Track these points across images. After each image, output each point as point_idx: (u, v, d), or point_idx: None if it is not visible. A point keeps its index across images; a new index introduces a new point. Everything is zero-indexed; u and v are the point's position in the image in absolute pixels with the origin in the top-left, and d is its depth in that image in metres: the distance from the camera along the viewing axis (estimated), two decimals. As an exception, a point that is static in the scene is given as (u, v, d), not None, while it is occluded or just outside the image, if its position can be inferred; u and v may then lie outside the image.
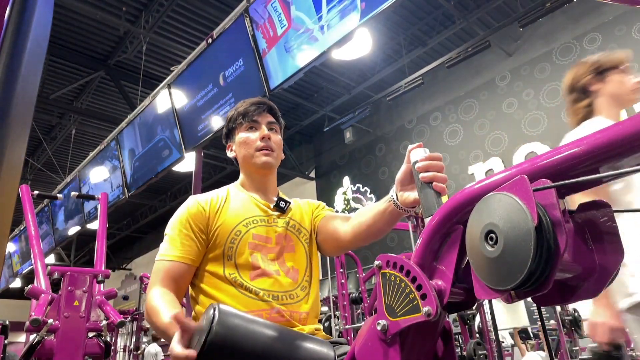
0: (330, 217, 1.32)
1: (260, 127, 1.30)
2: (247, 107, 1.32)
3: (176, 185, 11.69)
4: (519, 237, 0.48)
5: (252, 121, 1.30)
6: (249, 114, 1.30)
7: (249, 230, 1.19)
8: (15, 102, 0.48)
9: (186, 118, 4.58)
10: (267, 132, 1.29)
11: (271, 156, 1.28)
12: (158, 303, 1.07)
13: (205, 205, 1.21)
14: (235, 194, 1.29)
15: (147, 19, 6.54)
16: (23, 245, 8.69)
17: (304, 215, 1.33)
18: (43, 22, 0.53)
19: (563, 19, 6.79)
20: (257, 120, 1.30)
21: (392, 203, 1.07)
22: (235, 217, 1.20)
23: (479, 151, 7.56)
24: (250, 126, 1.30)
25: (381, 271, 0.66)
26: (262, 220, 1.23)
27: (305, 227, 1.30)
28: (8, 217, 0.47)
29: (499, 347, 3.47)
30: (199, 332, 0.77)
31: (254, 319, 0.82)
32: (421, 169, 0.88)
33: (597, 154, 0.50)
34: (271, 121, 1.33)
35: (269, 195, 1.32)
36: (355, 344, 0.75)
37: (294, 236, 1.26)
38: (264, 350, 0.77)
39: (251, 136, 1.29)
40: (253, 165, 1.28)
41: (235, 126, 1.33)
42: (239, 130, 1.32)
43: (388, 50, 7.70)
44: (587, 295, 0.56)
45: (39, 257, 3.24)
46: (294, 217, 1.30)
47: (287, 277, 1.17)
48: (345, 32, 2.97)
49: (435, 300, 0.59)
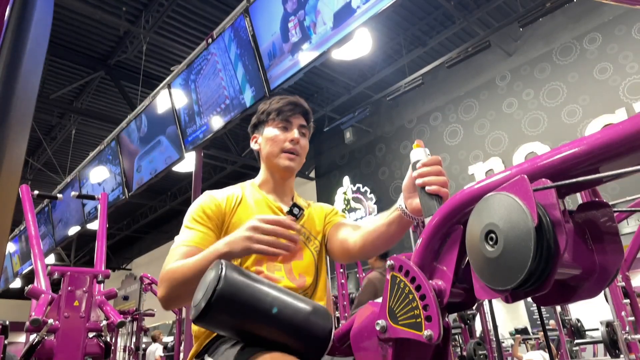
0: (341, 224, 1.30)
1: (292, 129, 1.28)
2: (283, 105, 1.29)
3: (176, 185, 11.68)
4: (519, 237, 0.48)
5: (285, 120, 1.28)
6: (283, 112, 1.28)
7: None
8: (15, 102, 0.48)
9: (186, 118, 4.59)
10: (297, 135, 1.27)
11: (295, 161, 1.27)
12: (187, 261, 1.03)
13: (221, 201, 1.20)
14: (250, 194, 1.27)
15: (147, 19, 6.54)
16: (23, 245, 8.68)
17: (315, 221, 1.31)
18: (43, 22, 0.53)
19: (563, 19, 6.79)
20: (291, 121, 1.29)
21: (400, 211, 1.04)
22: (248, 218, 1.15)
23: (479, 151, 7.56)
24: (282, 125, 1.28)
25: (392, 273, 0.66)
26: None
27: (315, 235, 1.29)
28: (8, 217, 0.47)
29: (499, 347, 3.47)
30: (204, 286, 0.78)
31: (257, 277, 0.83)
32: (417, 177, 0.88)
33: (597, 154, 0.50)
34: (303, 124, 1.31)
35: (285, 198, 1.31)
36: (351, 322, 0.75)
37: (303, 244, 1.25)
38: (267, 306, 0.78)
39: (280, 135, 1.27)
40: (275, 165, 1.27)
41: (267, 120, 1.30)
42: (269, 126, 1.30)
43: (388, 50, 7.70)
44: (587, 295, 0.56)
45: (39, 257, 3.23)
46: (306, 224, 1.28)
47: (292, 283, 1.16)
48: (345, 32, 2.97)
49: (439, 325, 0.58)
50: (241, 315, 0.77)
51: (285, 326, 0.79)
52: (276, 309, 0.78)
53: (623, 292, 2.89)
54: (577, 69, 6.60)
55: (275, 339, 0.79)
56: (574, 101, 6.53)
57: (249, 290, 0.78)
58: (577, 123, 6.44)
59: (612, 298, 2.86)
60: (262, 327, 0.79)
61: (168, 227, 13.33)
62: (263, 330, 0.79)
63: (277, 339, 0.79)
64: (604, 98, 6.21)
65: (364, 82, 8.20)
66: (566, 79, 6.70)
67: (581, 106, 6.45)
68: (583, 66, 6.54)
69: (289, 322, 0.78)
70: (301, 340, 0.79)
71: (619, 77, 6.14)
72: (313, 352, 0.80)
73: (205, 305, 0.74)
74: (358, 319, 0.74)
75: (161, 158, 5.06)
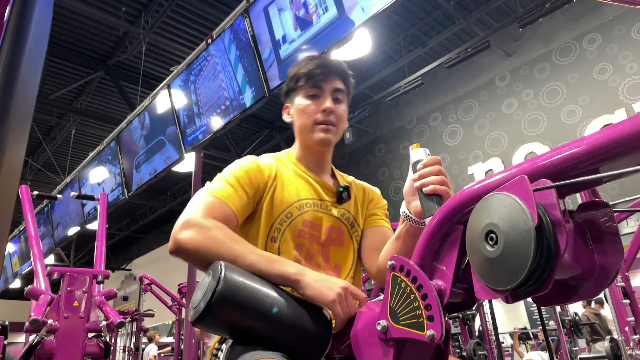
0: (381, 231, 1.17)
1: (324, 96, 1.12)
2: (312, 68, 1.12)
3: (176, 185, 11.69)
4: (519, 237, 0.48)
5: (315, 87, 1.12)
6: (313, 77, 1.11)
7: (301, 214, 1.07)
8: (15, 102, 0.48)
9: (186, 118, 4.59)
10: (330, 104, 1.11)
11: (331, 132, 1.12)
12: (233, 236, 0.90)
13: (264, 168, 1.07)
14: (289, 167, 1.14)
15: (147, 19, 6.54)
16: (23, 246, 8.68)
17: (359, 207, 1.19)
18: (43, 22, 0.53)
19: (563, 19, 6.79)
20: (322, 86, 1.12)
21: (407, 221, 0.97)
22: (290, 196, 1.07)
23: (478, 151, 7.56)
24: (312, 93, 1.12)
25: (393, 273, 0.65)
26: (316, 205, 1.10)
27: (359, 223, 1.17)
28: (8, 217, 0.47)
29: (499, 347, 3.47)
30: (203, 287, 0.78)
31: (256, 278, 0.82)
32: (416, 179, 0.87)
33: (597, 154, 0.50)
34: (338, 88, 1.13)
35: (323, 175, 1.19)
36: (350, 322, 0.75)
37: (345, 230, 1.13)
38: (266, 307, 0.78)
39: (311, 105, 1.12)
40: (310, 139, 1.13)
41: (296, 87, 1.15)
42: (299, 94, 1.14)
43: (388, 50, 7.70)
44: (588, 295, 0.56)
45: (38, 257, 3.23)
46: (350, 209, 1.16)
47: (329, 272, 1.06)
48: (345, 31, 2.97)
49: (442, 325, 0.58)
50: (241, 317, 0.77)
51: (284, 327, 0.78)
52: (276, 309, 0.78)
53: (623, 292, 2.89)
54: (576, 69, 6.60)
55: (275, 340, 0.79)
56: (574, 101, 6.54)
57: (249, 292, 0.77)
58: (576, 123, 6.44)
59: (612, 298, 2.86)
60: (261, 328, 0.78)
61: (168, 227, 13.31)
62: (262, 332, 0.79)
63: (276, 340, 0.79)
64: (604, 98, 6.21)
65: (364, 82, 8.20)
66: (566, 79, 6.70)
67: (581, 106, 6.45)
68: (583, 66, 6.54)
69: (288, 324, 0.78)
70: (301, 341, 0.79)
71: (619, 78, 6.14)
72: (313, 353, 0.80)
73: (205, 306, 0.74)
74: (358, 319, 0.74)
75: (161, 158, 5.06)
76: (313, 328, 0.80)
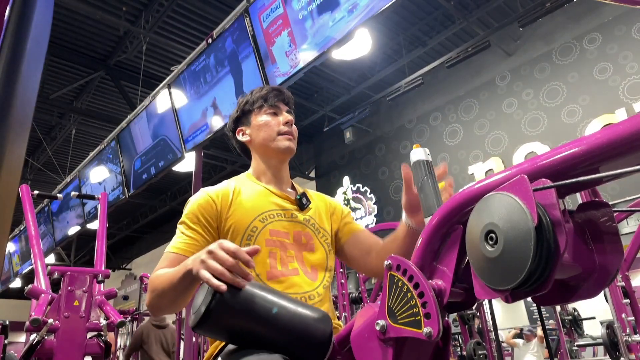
0: (361, 234, 1.28)
1: (282, 113, 1.26)
2: (267, 93, 1.27)
3: (176, 185, 11.68)
4: (519, 237, 0.48)
5: (273, 106, 1.25)
6: (270, 98, 1.25)
7: (265, 226, 1.12)
8: (15, 102, 0.48)
9: (186, 118, 4.59)
10: (291, 117, 1.25)
11: (293, 142, 1.24)
12: (167, 271, 1.00)
13: (215, 198, 1.13)
14: (248, 186, 1.21)
15: (147, 19, 6.53)
16: (23, 245, 8.69)
17: (322, 215, 1.26)
18: (43, 22, 0.53)
19: (563, 19, 6.79)
20: (279, 106, 1.26)
21: (407, 226, 1.07)
22: (251, 211, 1.13)
23: (478, 151, 7.56)
24: (271, 111, 1.25)
25: (389, 272, 0.66)
26: (279, 215, 1.16)
27: (325, 228, 1.24)
28: (8, 217, 0.47)
29: (499, 347, 3.47)
30: (203, 292, 0.78)
31: (255, 282, 0.82)
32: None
33: (597, 154, 0.50)
34: (289, 110, 1.28)
35: (284, 186, 1.26)
36: (350, 325, 0.75)
37: (313, 234, 1.19)
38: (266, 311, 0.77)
39: (272, 120, 1.24)
40: (273, 150, 1.23)
41: (253, 109, 1.27)
42: (258, 114, 1.26)
43: (388, 50, 7.70)
44: (587, 295, 0.56)
45: (38, 257, 3.23)
46: (314, 215, 1.23)
47: (306, 277, 1.11)
48: (345, 31, 2.97)
49: (438, 322, 0.58)
50: (241, 321, 0.76)
51: (285, 331, 0.78)
52: (276, 311, 0.77)
53: (623, 292, 2.89)
54: (577, 69, 6.60)
55: (275, 345, 0.79)
56: (574, 101, 6.53)
57: (249, 295, 0.77)
58: (577, 123, 6.44)
59: (612, 298, 2.85)
60: (261, 333, 0.78)
61: (168, 227, 13.32)
62: (263, 336, 0.78)
63: (277, 344, 0.79)
64: (604, 98, 6.21)
65: (364, 82, 8.20)
66: (566, 79, 6.70)
67: (581, 106, 6.45)
68: (583, 66, 6.54)
69: (289, 327, 0.78)
70: (301, 345, 0.79)
71: (619, 77, 6.14)
72: (314, 357, 0.79)
73: (205, 310, 0.73)
74: (358, 321, 0.74)
75: (161, 158, 5.07)
76: (313, 332, 0.79)
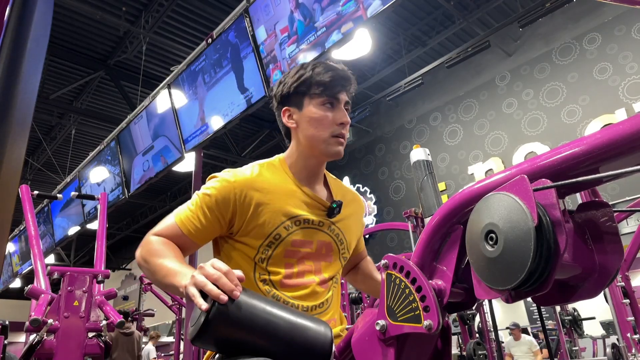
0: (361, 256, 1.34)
1: (340, 108, 1.08)
2: (331, 80, 1.07)
3: (176, 185, 11.69)
4: (519, 237, 0.48)
5: (333, 97, 1.07)
6: (331, 88, 1.06)
7: (289, 234, 1.04)
8: (15, 102, 0.48)
9: (186, 118, 4.58)
10: (348, 118, 1.09)
11: (343, 146, 1.10)
12: (164, 248, 0.97)
13: (240, 194, 1.02)
14: (280, 178, 1.09)
15: (147, 19, 6.53)
16: (23, 245, 8.69)
17: (352, 226, 1.18)
18: (43, 22, 0.53)
19: (563, 19, 6.79)
20: (339, 97, 1.08)
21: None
22: (278, 214, 1.04)
23: (478, 151, 7.56)
24: (328, 101, 1.07)
25: (387, 271, 0.66)
26: (306, 222, 1.07)
27: (347, 239, 1.15)
28: (8, 217, 0.47)
29: (499, 347, 3.47)
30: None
31: (254, 293, 0.82)
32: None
33: (597, 154, 0.50)
34: (347, 101, 1.11)
35: (316, 185, 1.13)
36: (351, 332, 0.75)
37: (335, 246, 1.11)
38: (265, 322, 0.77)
39: (329, 116, 1.06)
40: (321, 151, 1.08)
41: (308, 93, 1.08)
42: (312, 102, 1.07)
43: (388, 50, 7.70)
44: (587, 295, 0.56)
45: (38, 257, 3.23)
46: (343, 227, 1.14)
47: (321, 287, 1.07)
48: (344, 32, 2.97)
49: (438, 315, 0.58)
50: (240, 331, 0.75)
51: (284, 342, 0.77)
52: (275, 322, 0.77)
53: (623, 292, 2.89)
54: (576, 69, 6.60)
55: (275, 355, 0.78)
56: (574, 101, 6.54)
57: (248, 306, 0.77)
58: (576, 123, 6.44)
59: (612, 298, 2.85)
60: (261, 344, 0.77)
61: (168, 227, 13.30)
62: (262, 346, 0.78)
63: (276, 354, 0.78)
64: (604, 98, 6.21)
65: (364, 82, 8.20)
66: (566, 79, 6.70)
67: (581, 106, 6.45)
68: (583, 66, 6.54)
69: (288, 338, 0.77)
70: (301, 355, 0.79)
71: (619, 77, 6.14)
72: None
73: (204, 321, 0.73)
74: (357, 326, 0.74)
75: (161, 158, 5.07)
76: (314, 342, 0.78)
